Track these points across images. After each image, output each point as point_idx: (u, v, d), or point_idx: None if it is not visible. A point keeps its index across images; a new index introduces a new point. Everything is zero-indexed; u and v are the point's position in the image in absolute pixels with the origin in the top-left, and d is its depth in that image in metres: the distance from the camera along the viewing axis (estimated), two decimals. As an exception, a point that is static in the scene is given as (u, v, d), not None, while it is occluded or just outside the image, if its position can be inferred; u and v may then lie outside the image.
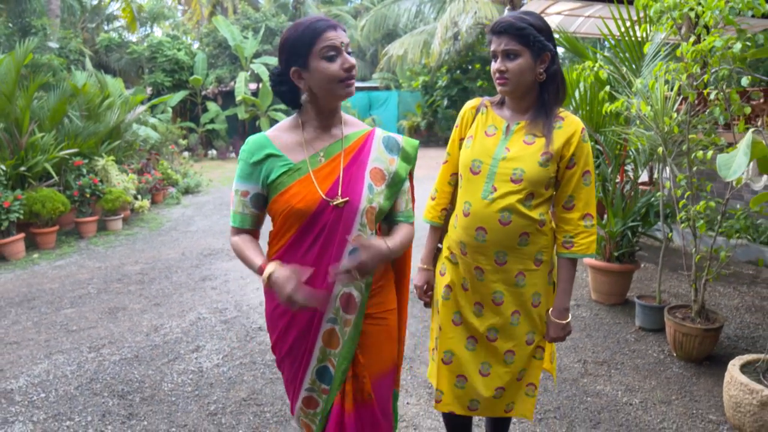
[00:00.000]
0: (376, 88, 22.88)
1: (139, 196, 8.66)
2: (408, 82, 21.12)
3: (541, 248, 1.93)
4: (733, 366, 2.89)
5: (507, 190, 1.84)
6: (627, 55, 4.33)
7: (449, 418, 2.30)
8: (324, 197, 1.63)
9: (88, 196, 7.35)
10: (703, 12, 2.82)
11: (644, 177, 6.85)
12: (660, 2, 3.05)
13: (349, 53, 1.60)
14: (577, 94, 4.50)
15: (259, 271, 1.63)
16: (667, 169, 3.74)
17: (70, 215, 7.38)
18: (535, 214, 1.86)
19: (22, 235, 6.43)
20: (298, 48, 1.58)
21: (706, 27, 2.95)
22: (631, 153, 4.49)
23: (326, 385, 1.76)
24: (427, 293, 2.20)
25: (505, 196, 1.84)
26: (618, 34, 4.34)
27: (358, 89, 22.37)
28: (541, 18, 1.82)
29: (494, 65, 1.83)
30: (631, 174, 4.75)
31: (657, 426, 2.92)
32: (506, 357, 2.01)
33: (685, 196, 3.43)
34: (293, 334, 1.74)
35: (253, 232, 1.77)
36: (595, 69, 3.96)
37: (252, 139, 1.71)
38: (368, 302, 1.74)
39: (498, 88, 1.85)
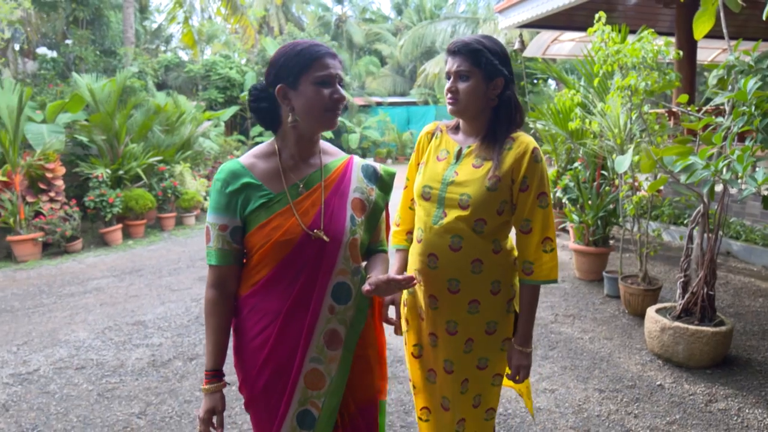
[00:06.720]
0: (414, 103, 24.18)
1: (208, 198, 10.15)
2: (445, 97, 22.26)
3: (498, 276, 1.84)
4: (651, 309, 4.06)
5: (456, 215, 1.78)
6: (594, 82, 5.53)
7: None
8: (306, 230, 1.54)
9: (169, 195, 8.89)
10: (628, 58, 4.04)
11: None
12: (602, 50, 4.27)
13: (341, 86, 1.56)
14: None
15: (208, 373, 1.58)
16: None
17: (153, 211, 8.95)
18: (488, 240, 1.79)
19: (120, 225, 8.01)
20: (292, 66, 1.51)
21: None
22: (607, 160, 5.67)
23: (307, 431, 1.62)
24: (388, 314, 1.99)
25: (454, 221, 1.78)
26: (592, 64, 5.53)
27: (398, 104, 23.79)
28: (498, 43, 1.79)
29: (447, 85, 1.82)
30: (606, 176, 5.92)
31: (597, 351, 4.10)
32: (462, 387, 1.93)
33: (625, 190, 4.61)
34: (268, 371, 1.59)
35: (235, 270, 1.61)
36: (571, 95, 5.18)
37: (226, 167, 1.58)
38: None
39: (448, 108, 1.83)
